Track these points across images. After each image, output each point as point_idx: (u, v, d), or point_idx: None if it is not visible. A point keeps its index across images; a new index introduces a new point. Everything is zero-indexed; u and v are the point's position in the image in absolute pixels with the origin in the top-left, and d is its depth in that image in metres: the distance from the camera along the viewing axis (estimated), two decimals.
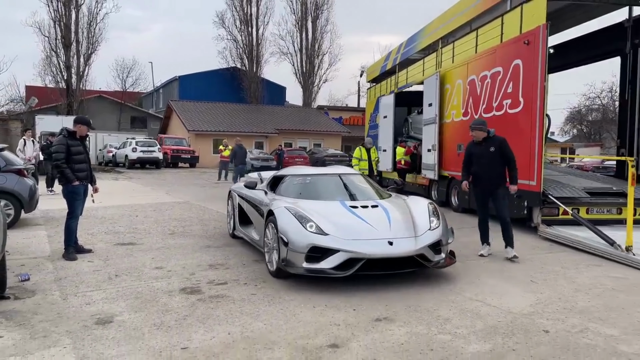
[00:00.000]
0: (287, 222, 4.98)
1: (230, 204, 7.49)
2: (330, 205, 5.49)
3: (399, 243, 4.82)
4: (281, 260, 4.90)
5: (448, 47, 11.72)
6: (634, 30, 9.00)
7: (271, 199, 5.80)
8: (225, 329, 3.78)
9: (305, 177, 6.49)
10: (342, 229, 4.89)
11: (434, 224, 5.23)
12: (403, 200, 5.96)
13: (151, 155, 25.99)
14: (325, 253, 4.71)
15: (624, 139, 9.37)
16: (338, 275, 4.65)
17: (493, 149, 6.36)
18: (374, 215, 5.22)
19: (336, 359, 3.27)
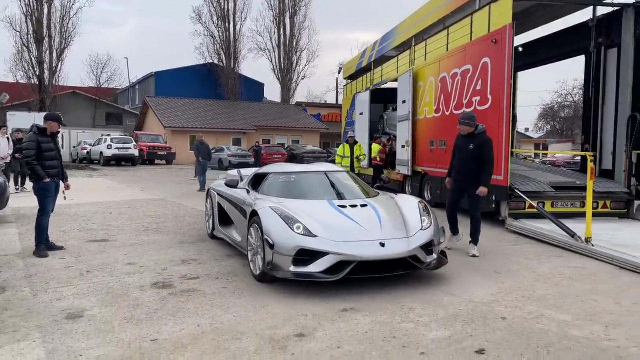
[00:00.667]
0: (273, 223, 4.72)
1: (209, 202, 7.21)
2: (317, 205, 5.26)
3: (391, 244, 4.63)
4: (266, 263, 4.64)
5: (421, 44, 11.91)
6: (597, 30, 9.30)
7: (254, 199, 5.53)
8: (195, 321, 3.86)
9: (290, 175, 6.20)
10: (331, 230, 4.67)
11: (425, 224, 5.05)
12: (392, 199, 5.77)
13: (126, 152, 25.75)
14: (314, 256, 4.48)
15: (588, 135, 9.70)
16: (328, 279, 4.41)
17: (472, 146, 6.34)
18: (363, 215, 5.02)
19: (301, 347, 3.39)
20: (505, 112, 8.03)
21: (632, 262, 5.51)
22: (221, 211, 6.65)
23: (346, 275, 4.42)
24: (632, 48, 8.49)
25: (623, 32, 8.68)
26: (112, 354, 3.27)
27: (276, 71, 45.76)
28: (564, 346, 3.41)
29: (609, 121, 9.09)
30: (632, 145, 8.44)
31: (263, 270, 4.73)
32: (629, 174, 8.50)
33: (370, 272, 4.56)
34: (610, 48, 9.06)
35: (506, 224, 8.01)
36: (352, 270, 4.44)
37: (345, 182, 6.17)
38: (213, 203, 6.97)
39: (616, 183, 8.70)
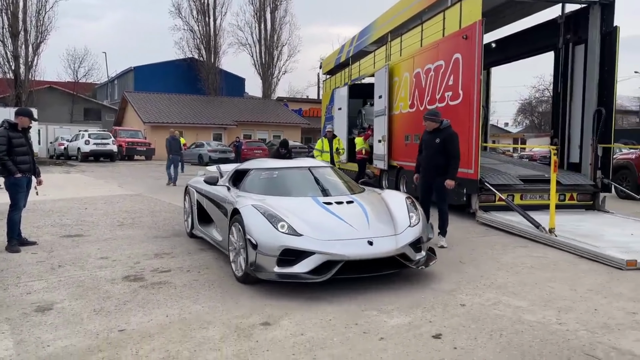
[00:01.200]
0: (256, 222, 4.52)
1: (188, 200, 6.95)
2: (302, 202, 5.06)
3: (379, 242, 4.47)
4: (249, 264, 4.44)
5: (396, 40, 12.07)
6: (566, 27, 9.54)
7: (235, 196, 5.29)
8: (164, 312, 3.95)
9: (272, 171, 5.98)
10: (317, 228, 4.49)
11: (413, 220, 4.89)
12: (378, 195, 5.63)
13: (105, 148, 25.50)
14: (299, 256, 4.29)
15: (557, 129, 9.96)
16: (314, 280, 4.23)
17: (438, 141, 6.45)
18: (350, 212, 4.86)
19: (266, 335, 3.50)
20: (475, 107, 8.22)
21: (591, 251, 5.74)
22: (200, 209, 6.42)
23: (333, 275, 4.26)
24: (598, 44, 8.74)
25: (590, 29, 8.93)
26: (80, 344, 3.34)
27: (257, 66, 45.65)
28: (516, 330, 3.58)
29: (577, 116, 9.35)
30: (598, 139, 8.71)
31: (246, 272, 4.53)
32: (595, 167, 8.78)
33: (357, 272, 4.39)
34: (578, 44, 9.32)
35: (477, 217, 8.21)
36: (339, 270, 4.28)
37: (329, 178, 5.99)
38: (192, 201, 6.72)
39: (583, 176, 8.98)
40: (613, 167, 12.69)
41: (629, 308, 4.08)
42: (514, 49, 11.44)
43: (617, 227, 7.28)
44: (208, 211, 6.17)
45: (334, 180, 5.95)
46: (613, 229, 7.11)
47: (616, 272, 5.16)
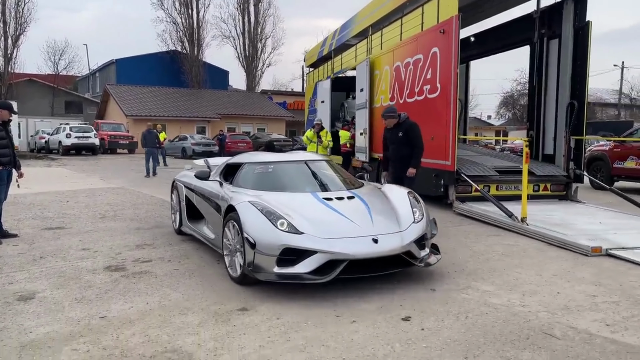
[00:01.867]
0: (253, 219, 4.28)
1: (175, 195, 6.70)
2: (300, 198, 4.84)
3: (384, 240, 4.27)
4: (247, 264, 4.21)
5: (377, 34, 12.21)
6: (541, 21, 9.76)
7: (229, 192, 5.03)
8: (144, 300, 4.06)
9: (267, 165, 5.70)
10: (318, 225, 4.27)
11: (417, 216, 4.71)
12: (379, 190, 5.43)
13: (87, 142, 25.30)
14: (301, 255, 4.08)
15: (532, 121, 10.21)
16: (317, 280, 4.03)
17: (401, 134, 6.77)
18: (352, 209, 4.66)
19: (243, 320, 3.64)
20: (452, 100, 8.41)
21: (559, 238, 5.98)
22: (190, 205, 6.17)
23: (337, 275, 4.05)
24: (572, 39, 8.98)
25: (563, 24, 9.15)
26: (61, 330, 3.45)
27: (241, 59, 45.54)
28: (481, 312, 3.77)
29: (551, 109, 9.60)
30: (571, 132, 8.97)
31: (243, 272, 4.30)
32: (568, 158, 9.03)
33: (361, 272, 4.19)
34: (552, 39, 9.54)
35: (454, 207, 8.42)
36: (342, 270, 4.08)
37: (327, 172, 5.73)
38: (180, 196, 6.46)
39: (556, 167, 9.24)
40: (588, 158, 13.16)
41: (589, 291, 4.30)
42: (492, 42, 11.65)
43: (587, 216, 7.54)
44: (198, 207, 5.92)
45: (332, 175, 5.70)
46: (583, 218, 7.37)
47: (581, 258, 5.40)
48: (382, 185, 5.69)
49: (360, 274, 4.17)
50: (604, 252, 5.50)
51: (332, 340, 3.29)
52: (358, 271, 4.16)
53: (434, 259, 4.66)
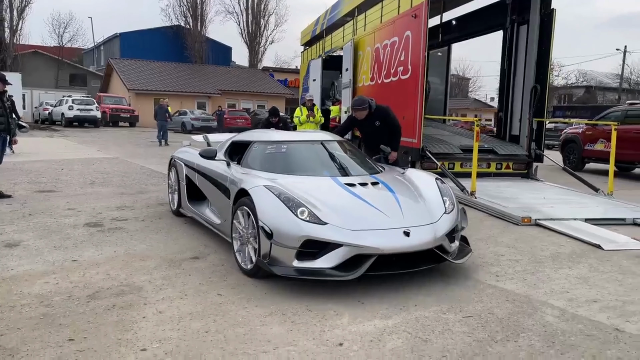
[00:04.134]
0: (270, 206, 3.83)
1: (174, 174, 6.24)
2: (320, 183, 4.41)
3: (417, 232, 3.83)
4: (262, 256, 3.79)
5: (362, 15, 12.68)
6: (512, 7, 10.19)
7: (239, 174, 4.59)
8: (113, 249, 4.74)
9: (280, 145, 5.20)
10: (343, 215, 3.84)
11: (448, 205, 4.30)
12: (402, 175, 4.99)
13: (89, 114, 25.97)
14: (324, 248, 3.65)
15: (502, 103, 10.74)
16: (342, 277, 3.59)
17: (378, 123, 6.41)
18: (378, 196, 4.24)
19: (192, 265, 4.32)
20: (420, 82, 8.94)
21: (497, 210, 6.61)
22: (190, 185, 5.73)
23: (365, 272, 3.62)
24: (538, 26, 9.43)
25: (531, 11, 9.59)
26: (38, 269, 4.13)
27: (244, 35, 45.75)
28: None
29: (519, 92, 10.10)
30: (533, 114, 9.50)
31: (257, 264, 3.88)
32: (530, 139, 9.58)
33: (390, 268, 3.78)
34: (522, 25, 9.99)
35: None
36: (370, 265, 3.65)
37: (344, 154, 5.26)
38: (179, 175, 6.00)
39: (519, 147, 9.81)
40: (563, 140, 13.68)
41: (501, 252, 4.94)
42: (471, 26, 12.10)
43: (536, 192, 8.14)
44: (201, 189, 5.48)
45: (350, 157, 5.24)
46: (531, 193, 7.97)
47: (511, 227, 6.03)
48: (404, 169, 5.24)
49: (388, 271, 3.76)
50: (533, 222, 6.12)
51: (262, 280, 3.95)
52: (385, 267, 3.74)
53: (466, 254, 4.26)
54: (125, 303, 3.46)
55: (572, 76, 43.38)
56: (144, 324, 3.14)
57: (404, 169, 5.26)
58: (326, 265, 3.65)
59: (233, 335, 3.00)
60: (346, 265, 3.64)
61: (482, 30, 11.81)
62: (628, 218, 6.44)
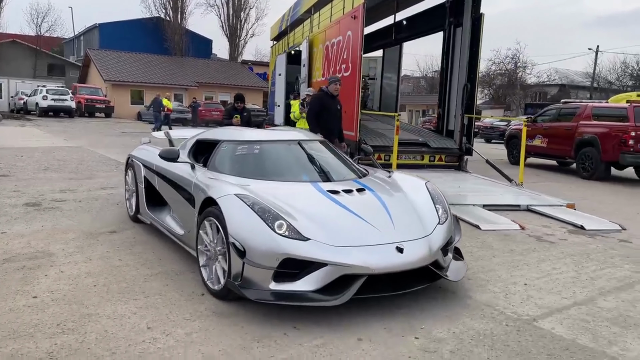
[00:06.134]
0: (243, 219, 3.32)
1: (131, 176, 5.58)
2: (299, 190, 3.89)
3: (411, 248, 3.39)
4: (233, 277, 3.28)
5: (316, 14, 13.29)
6: (450, 10, 10.88)
7: (206, 179, 4.01)
8: (41, 224, 5.33)
9: (252, 145, 4.54)
10: (328, 229, 3.36)
11: (441, 215, 3.87)
12: (388, 179, 4.50)
13: (63, 104, 26.25)
14: (306, 267, 3.19)
15: (441, 100, 11.44)
16: (326, 303, 3.13)
17: (339, 107, 7.00)
18: (365, 205, 3.75)
19: (108, 237, 4.92)
20: (357, 79, 9.60)
21: None
22: (150, 189, 5.12)
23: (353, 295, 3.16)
24: (470, 28, 10.14)
25: (464, 14, 10.30)
26: None
27: (225, 28, 45.99)
28: None
29: (454, 89, 10.82)
30: (465, 110, 10.22)
31: (226, 286, 3.37)
32: (462, 134, 10.31)
33: (380, 290, 3.31)
34: (457, 27, 10.68)
35: None
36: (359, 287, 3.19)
37: (324, 156, 4.73)
38: (137, 177, 5.36)
39: (451, 141, 10.53)
40: (507, 135, 14.48)
41: None
42: (419, 26, 12.77)
43: (456, 182, 8.85)
44: (162, 193, 4.89)
45: (331, 159, 4.70)
46: (450, 183, 8.67)
47: None
48: (389, 172, 4.75)
49: (378, 293, 3.30)
50: None
51: (161, 249, 4.58)
52: (375, 289, 3.28)
53: (461, 268, 3.82)
54: (35, 265, 4.07)
55: (544, 75, 44.37)
56: (44, 280, 3.76)
57: (390, 172, 4.76)
58: (308, 288, 3.17)
59: (116, 289, 3.64)
60: (332, 287, 3.18)
61: (427, 30, 12.49)
62: (522, 205, 7.18)
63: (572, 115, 11.94)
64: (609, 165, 10.89)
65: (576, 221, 6.30)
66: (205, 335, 2.98)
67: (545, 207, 7.09)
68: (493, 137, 27.19)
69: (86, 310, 3.25)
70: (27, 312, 3.20)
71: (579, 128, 11.45)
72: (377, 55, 16.44)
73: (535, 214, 6.86)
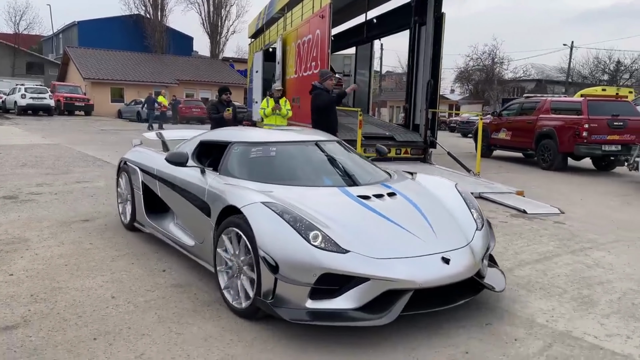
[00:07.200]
0: (274, 230, 3.01)
1: (125, 180, 5.20)
2: (327, 196, 3.57)
3: (456, 258, 3.13)
4: (263, 294, 2.99)
5: (289, 13, 13.70)
6: (416, 9, 11.37)
7: (222, 185, 3.64)
8: (18, 215, 5.68)
9: (268, 147, 4.18)
10: (365, 239, 3.07)
11: (477, 219, 3.63)
12: (416, 182, 4.17)
13: (42, 102, 26.26)
14: (345, 283, 2.92)
15: (409, 95, 11.95)
16: (371, 322, 2.85)
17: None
18: (401, 212, 3.45)
19: (80, 225, 5.29)
20: None
21: None
22: (149, 195, 4.74)
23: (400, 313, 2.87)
24: (432, 27, 10.64)
25: (428, 13, 10.80)
26: None
27: (205, 25, 46.07)
28: None
29: (420, 85, 11.33)
30: (428, 105, 10.73)
31: (254, 304, 3.07)
32: (426, 127, 10.82)
33: (425, 306, 3.01)
34: (422, 26, 11.19)
35: None
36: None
37: (346, 158, 4.34)
38: (134, 183, 4.98)
39: (417, 134, 11.05)
40: (474, 129, 15.02)
41: None
42: (388, 24, 13.26)
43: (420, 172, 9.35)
44: (166, 201, 4.50)
45: (353, 161, 4.34)
46: None
47: None
48: (412, 174, 4.41)
49: (424, 309, 3.01)
50: None
51: (126, 235, 4.98)
52: (417, 305, 2.96)
53: (500, 276, 3.55)
54: (12, 249, 4.44)
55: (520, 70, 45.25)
56: (20, 260, 4.14)
57: (412, 174, 4.41)
58: (349, 306, 2.89)
59: (85, 267, 4.04)
60: (375, 304, 2.91)
61: (395, 28, 12.99)
62: (475, 192, 7.66)
63: (532, 109, 12.53)
64: (566, 157, 11.50)
65: (520, 206, 6.83)
66: (163, 302, 3.40)
67: (496, 194, 7.62)
68: (470, 131, 27.88)
69: (57, 285, 3.64)
70: (4, 286, 3.58)
71: (539, 121, 12.04)
72: (351, 53, 16.90)
73: (486, 201, 7.37)
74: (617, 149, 10.97)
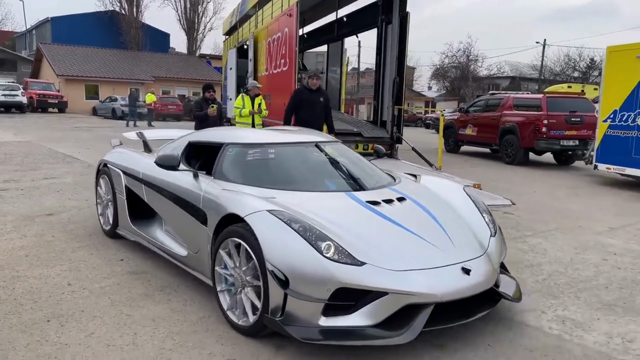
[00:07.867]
0: (282, 240, 2.76)
1: (105, 184, 4.87)
2: (334, 202, 3.31)
3: (476, 268, 2.94)
4: (271, 311, 2.74)
5: (260, 11, 13.87)
6: (383, 8, 11.64)
7: (218, 190, 3.36)
8: None
9: (266, 149, 3.93)
10: (381, 249, 2.85)
11: (490, 224, 3.45)
12: (423, 185, 3.96)
13: (14, 100, 25.90)
14: (361, 298, 2.68)
15: (377, 93, 12.23)
16: (391, 340, 2.61)
17: (322, 99, 7.22)
18: (413, 218, 3.25)
19: (45, 219, 5.44)
20: (293, 72, 10.27)
21: None
22: (133, 199, 4.43)
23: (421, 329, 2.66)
24: (398, 26, 10.93)
25: (394, 12, 11.08)
26: None
27: (182, 22, 45.85)
28: None
29: (387, 83, 11.61)
30: (394, 102, 11.03)
31: (260, 321, 2.82)
32: (392, 124, 11.12)
33: (445, 320, 2.79)
34: (389, 24, 11.46)
35: None
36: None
37: (348, 160, 4.09)
38: (116, 187, 4.63)
39: (384, 130, 11.34)
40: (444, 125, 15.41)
41: None
42: (357, 23, 13.51)
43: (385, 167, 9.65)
44: (154, 207, 4.19)
45: (356, 163, 4.10)
46: None
47: None
48: (415, 177, 4.19)
49: (442, 324, 2.77)
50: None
51: (92, 235, 5.14)
52: (438, 320, 2.74)
53: (515, 285, 3.32)
54: None
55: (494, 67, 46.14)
56: None
57: (416, 176, 4.22)
58: (366, 323, 2.65)
59: (45, 257, 4.21)
60: (393, 320, 2.67)
61: (364, 27, 13.23)
62: None
63: (497, 106, 12.95)
64: (527, 151, 11.94)
65: None
66: (117, 288, 3.60)
67: None
68: None
69: (16, 274, 3.81)
70: None
71: (502, 117, 12.46)
72: (324, 50, 17.12)
73: None
74: (574, 143, 11.44)
